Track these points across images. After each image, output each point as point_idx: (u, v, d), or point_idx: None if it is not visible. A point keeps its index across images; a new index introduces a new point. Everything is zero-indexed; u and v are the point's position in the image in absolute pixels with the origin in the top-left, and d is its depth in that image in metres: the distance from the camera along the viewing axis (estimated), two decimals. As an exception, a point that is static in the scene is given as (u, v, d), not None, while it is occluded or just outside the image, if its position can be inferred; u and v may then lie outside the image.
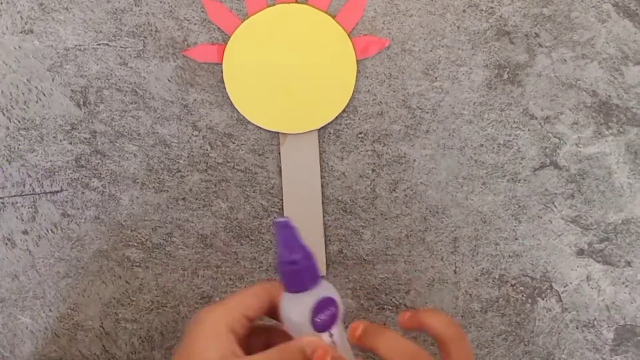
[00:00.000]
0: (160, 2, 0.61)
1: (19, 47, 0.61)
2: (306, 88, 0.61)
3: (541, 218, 0.63)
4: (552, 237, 0.63)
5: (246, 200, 0.62)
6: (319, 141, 0.62)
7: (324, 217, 0.62)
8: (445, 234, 0.62)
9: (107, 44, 0.61)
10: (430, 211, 0.62)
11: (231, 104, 0.61)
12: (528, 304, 0.62)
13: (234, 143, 0.62)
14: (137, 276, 0.61)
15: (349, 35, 0.62)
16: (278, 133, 0.62)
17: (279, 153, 0.62)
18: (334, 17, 0.62)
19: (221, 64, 0.61)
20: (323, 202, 0.62)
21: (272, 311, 0.46)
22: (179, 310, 0.61)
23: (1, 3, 0.61)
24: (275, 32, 0.61)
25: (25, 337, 0.60)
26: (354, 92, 0.62)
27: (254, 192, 0.62)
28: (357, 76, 0.62)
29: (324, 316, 0.44)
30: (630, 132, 0.62)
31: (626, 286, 0.63)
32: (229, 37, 0.61)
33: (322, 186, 0.62)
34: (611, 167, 0.63)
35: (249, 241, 0.62)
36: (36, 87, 0.61)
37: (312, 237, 0.61)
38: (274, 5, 0.61)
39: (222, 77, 0.61)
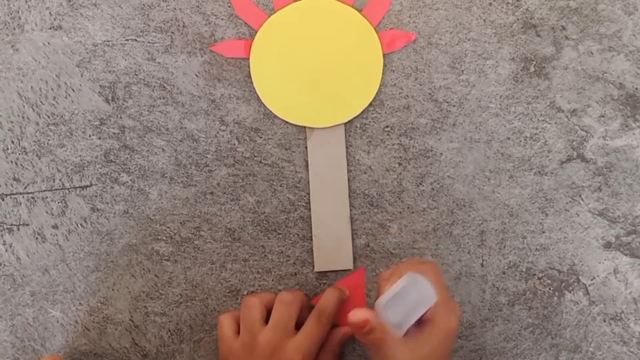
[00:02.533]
0: (188, -3, 0.62)
1: (48, 43, 0.61)
2: (333, 82, 0.61)
3: (568, 211, 0.62)
4: (579, 230, 0.62)
5: (273, 194, 0.62)
6: (346, 135, 0.62)
7: (350, 211, 0.62)
8: (472, 228, 0.62)
9: (135, 40, 0.62)
10: (457, 204, 0.62)
11: (258, 99, 0.61)
12: (555, 297, 0.62)
13: (261, 137, 0.62)
14: (166, 270, 0.62)
15: (375, 29, 0.62)
16: (305, 127, 0.62)
17: (306, 147, 0.62)
18: (360, 11, 0.62)
19: (248, 58, 0.61)
20: (350, 196, 0.62)
21: None
22: (207, 304, 0.61)
23: (30, 0, 0.61)
24: (301, 26, 0.61)
25: (56, 331, 0.61)
26: (380, 85, 0.62)
27: (280, 186, 0.62)
28: (383, 70, 0.62)
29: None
30: (658, 125, 0.62)
31: (654, 279, 0.62)
32: (256, 32, 0.61)
33: (348, 180, 0.62)
34: (638, 159, 0.63)
35: (276, 235, 0.62)
36: (65, 83, 0.62)
37: (339, 230, 0.62)
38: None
39: (249, 72, 0.62)
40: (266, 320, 0.56)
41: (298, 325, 0.56)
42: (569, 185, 0.63)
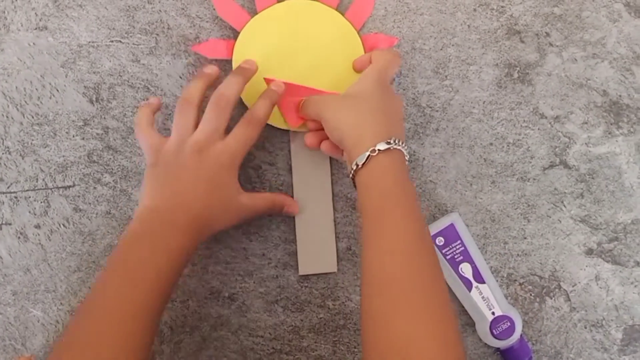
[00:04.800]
0: (173, -1, 0.62)
1: (33, 43, 0.62)
2: (316, 85, 0.61)
3: (550, 217, 0.63)
4: (561, 237, 0.63)
5: (256, 196, 0.62)
6: (329, 139, 0.62)
7: (334, 213, 0.62)
8: (454, 232, 0.62)
9: (120, 41, 0.62)
10: (439, 209, 0.62)
11: (242, 101, 0.61)
12: (536, 303, 0.62)
13: (244, 140, 0.62)
14: (148, 271, 0.62)
15: (358, 32, 0.62)
16: (289, 131, 0.62)
17: (289, 150, 0.62)
18: (343, 14, 0.62)
19: (231, 59, 0.61)
20: (333, 199, 0.62)
21: None
22: (188, 305, 0.62)
23: (16, 0, 0.61)
24: (284, 28, 0.61)
25: (37, 330, 0.61)
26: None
27: (263, 188, 0.62)
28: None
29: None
30: (641, 132, 0.62)
31: (635, 286, 0.62)
32: (239, 33, 0.61)
33: (331, 183, 0.62)
34: (621, 167, 0.63)
35: (258, 237, 0.62)
36: (50, 83, 0.62)
37: (323, 233, 0.62)
38: (283, 0, 0.62)
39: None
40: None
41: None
42: (551, 191, 0.63)
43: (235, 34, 0.62)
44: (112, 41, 0.62)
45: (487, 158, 0.63)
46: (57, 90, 0.62)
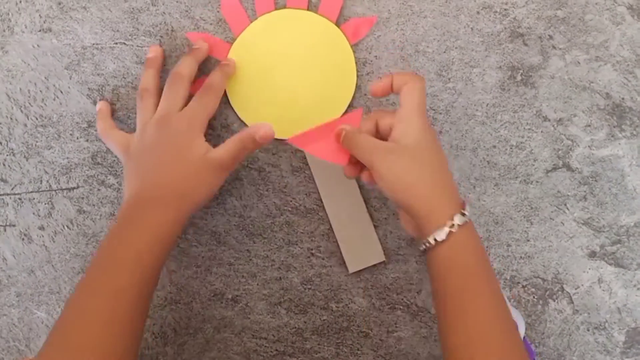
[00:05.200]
0: (177, 2, 0.62)
1: (38, 45, 0.62)
2: (311, 89, 0.61)
3: (553, 220, 0.63)
4: (564, 239, 0.63)
5: (259, 198, 0.62)
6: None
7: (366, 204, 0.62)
8: (457, 235, 0.62)
9: (124, 43, 0.62)
10: (442, 212, 0.62)
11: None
12: (539, 306, 0.62)
13: (248, 142, 0.62)
14: (151, 273, 0.62)
15: (335, 24, 0.62)
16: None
17: (304, 157, 0.62)
18: (315, 12, 0.62)
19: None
20: (361, 190, 0.62)
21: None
22: (192, 307, 0.62)
23: (20, 2, 0.62)
24: (265, 43, 0.62)
25: (41, 332, 0.61)
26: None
27: (267, 190, 0.62)
28: (356, 61, 0.61)
29: None
30: (644, 135, 0.62)
31: (638, 289, 0.62)
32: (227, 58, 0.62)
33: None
34: (624, 169, 0.63)
35: (261, 239, 0.62)
36: (54, 85, 0.62)
37: (362, 226, 0.61)
38: (256, 19, 0.62)
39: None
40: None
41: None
42: (554, 194, 0.63)
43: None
44: (116, 43, 0.62)
45: (490, 160, 0.63)
46: (61, 92, 0.62)
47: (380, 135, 0.55)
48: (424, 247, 0.50)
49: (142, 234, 0.51)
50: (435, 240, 0.49)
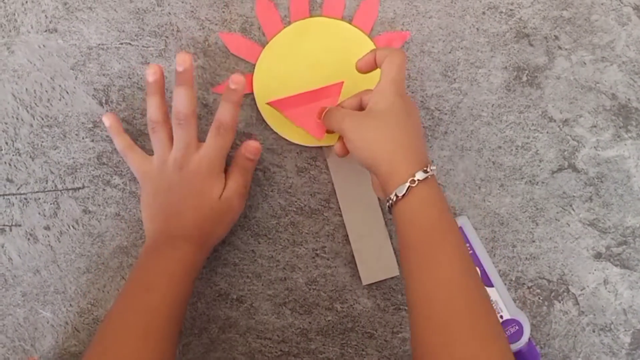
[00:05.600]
0: (182, 2, 0.62)
1: (44, 45, 0.62)
2: (340, 96, 0.61)
3: (559, 221, 0.62)
4: (569, 240, 0.62)
5: (264, 199, 0.62)
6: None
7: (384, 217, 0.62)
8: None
9: (130, 43, 0.62)
10: (447, 212, 0.62)
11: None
12: (545, 307, 0.62)
13: (253, 142, 0.62)
14: (156, 273, 0.62)
15: (368, 36, 0.62)
16: (322, 148, 0.62)
17: (326, 166, 0.62)
18: (350, 22, 0.62)
19: (251, 93, 0.62)
20: (380, 203, 0.62)
21: None
22: (197, 307, 0.62)
23: (26, 2, 0.62)
24: (297, 49, 0.62)
25: (46, 331, 0.61)
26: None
27: (272, 191, 0.62)
28: None
29: None
30: (650, 136, 0.62)
31: (644, 290, 0.62)
32: (254, 66, 0.62)
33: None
34: (630, 170, 0.63)
35: (266, 239, 0.62)
36: (60, 85, 0.62)
37: (377, 240, 0.62)
38: (289, 24, 0.62)
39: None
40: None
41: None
42: (559, 195, 0.63)
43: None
44: (121, 43, 0.62)
45: (496, 161, 0.63)
46: (67, 92, 0.62)
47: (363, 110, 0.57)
48: (388, 204, 0.52)
49: (175, 264, 0.55)
50: (396, 196, 0.50)
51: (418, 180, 0.50)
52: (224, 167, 0.58)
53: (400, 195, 0.50)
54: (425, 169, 0.50)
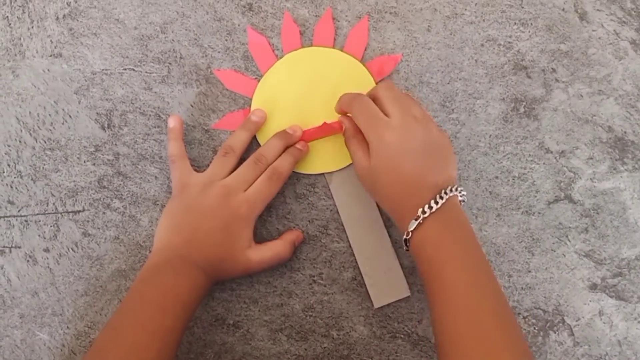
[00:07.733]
0: (186, 30, 0.63)
1: (48, 70, 0.63)
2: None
3: (555, 251, 0.63)
4: (565, 271, 0.63)
5: (262, 224, 0.63)
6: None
7: (390, 237, 0.62)
8: (459, 265, 0.63)
9: (133, 69, 0.63)
10: (444, 241, 0.63)
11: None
12: (540, 337, 0.62)
13: (252, 168, 0.63)
14: (154, 296, 0.62)
15: (361, 62, 0.63)
16: (324, 174, 0.63)
17: (330, 191, 0.63)
18: (342, 49, 0.63)
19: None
20: (385, 224, 0.62)
21: None
22: (193, 332, 0.62)
23: (32, 27, 0.63)
24: (291, 79, 0.63)
25: (43, 354, 0.62)
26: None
27: (270, 216, 0.63)
28: None
29: None
30: (646, 169, 0.63)
31: (639, 322, 0.63)
32: (250, 100, 0.63)
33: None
34: (626, 202, 0.63)
35: (264, 265, 0.63)
36: (63, 109, 0.63)
37: (386, 262, 0.62)
38: (282, 57, 0.63)
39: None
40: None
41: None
42: (555, 225, 0.63)
43: (246, 64, 0.62)
44: (125, 69, 0.63)
45: (493, 191, 0.63)
46: (70, 116, 0.63)
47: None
48: (405, 246, 0.54)
49: (185, 288, 0.55)
50: (409, 233, 0.52)
51: (423, 217, 0.51)
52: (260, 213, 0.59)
53: (411, 229, 0.52)
54: (436, 200, 0.51)
